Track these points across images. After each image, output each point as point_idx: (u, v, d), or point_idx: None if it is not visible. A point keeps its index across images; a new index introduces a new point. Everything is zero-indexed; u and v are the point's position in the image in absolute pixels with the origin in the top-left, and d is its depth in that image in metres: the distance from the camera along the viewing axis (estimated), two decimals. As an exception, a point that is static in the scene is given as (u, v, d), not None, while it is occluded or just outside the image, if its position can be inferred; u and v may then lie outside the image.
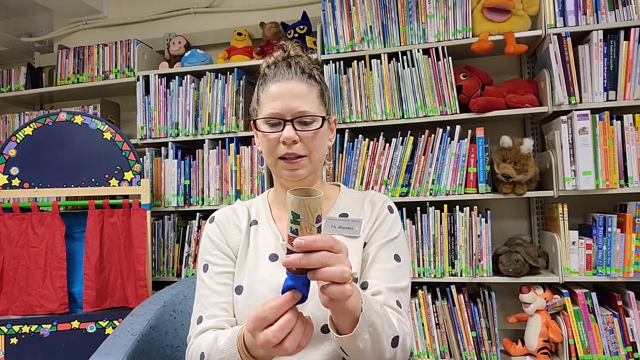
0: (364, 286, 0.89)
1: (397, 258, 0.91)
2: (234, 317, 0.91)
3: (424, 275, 1.88)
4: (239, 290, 0.90)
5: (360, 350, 0.71)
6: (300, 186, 0.86)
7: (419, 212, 1.89)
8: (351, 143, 1.96)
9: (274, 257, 0.91)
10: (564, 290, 1.79)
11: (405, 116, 1.92)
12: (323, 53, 2.03)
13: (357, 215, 0.96)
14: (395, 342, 0.77)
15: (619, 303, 1.73)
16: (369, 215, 0.96)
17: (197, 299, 0.93)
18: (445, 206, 1.87)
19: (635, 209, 1.71)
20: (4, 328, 1.87)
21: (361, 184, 1.94)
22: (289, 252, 0.63)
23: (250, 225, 0.98)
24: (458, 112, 1.88)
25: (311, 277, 0.62)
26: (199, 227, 2.14)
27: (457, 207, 1.86)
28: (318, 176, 0.98)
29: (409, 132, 1.93)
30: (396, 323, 0.79)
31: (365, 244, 0.93)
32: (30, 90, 2.53)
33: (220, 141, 2.16)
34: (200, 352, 0.82)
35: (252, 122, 0.94)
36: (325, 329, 0.85)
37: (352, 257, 0.91)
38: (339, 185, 1.05)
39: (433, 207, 1.89)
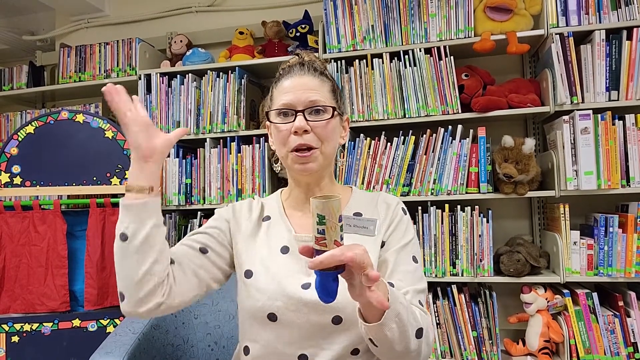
0: None
1: (414, 259, 0.94)
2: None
3: (425, 275, 1.88)
4: (248, 274, 0.93)
5: (389, 339, 0.74)
6: (310, 179, 0.95)
7: (420, 211, 1.89)
8: (352, 142, 1.96)
9: (285, 250, 0.94)
10: (565, 291, 1.79)
11: (406, 115, 1.92)
12: (325, 52, 2.03)
13: (372, 214, 0.98)
14: (419, 333, 0.79)
15: (620, 303, 1.73)
16: (384, 215, 0.98)
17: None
18: (447, 206, 1.86)
19: (637, 209, 1.71)
20: (5, 326, 1.88)
21: (362, 183, 1.94)
22: (317, 252, 0.67)
23: (263, 220, 1.01)
24: (460, 111, 1.88)
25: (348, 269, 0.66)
26: (200, 226, 2.14)
27: (459, 206, 1.86)
28: (328, 173, 0.99)
29: (411, 131, 1.93)
30: (419, 316, 0.82)
31: (383, 242, 0.95)
32: (32, 89, 2.54)
33: (221, 140, 2.16)
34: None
35: (265, 115, 0.97)
36: (335, 320, 0.86)
37: (370, 255, 0.92)
38: (351, 187, 1.07)
39: (434, 206, 1.88)
